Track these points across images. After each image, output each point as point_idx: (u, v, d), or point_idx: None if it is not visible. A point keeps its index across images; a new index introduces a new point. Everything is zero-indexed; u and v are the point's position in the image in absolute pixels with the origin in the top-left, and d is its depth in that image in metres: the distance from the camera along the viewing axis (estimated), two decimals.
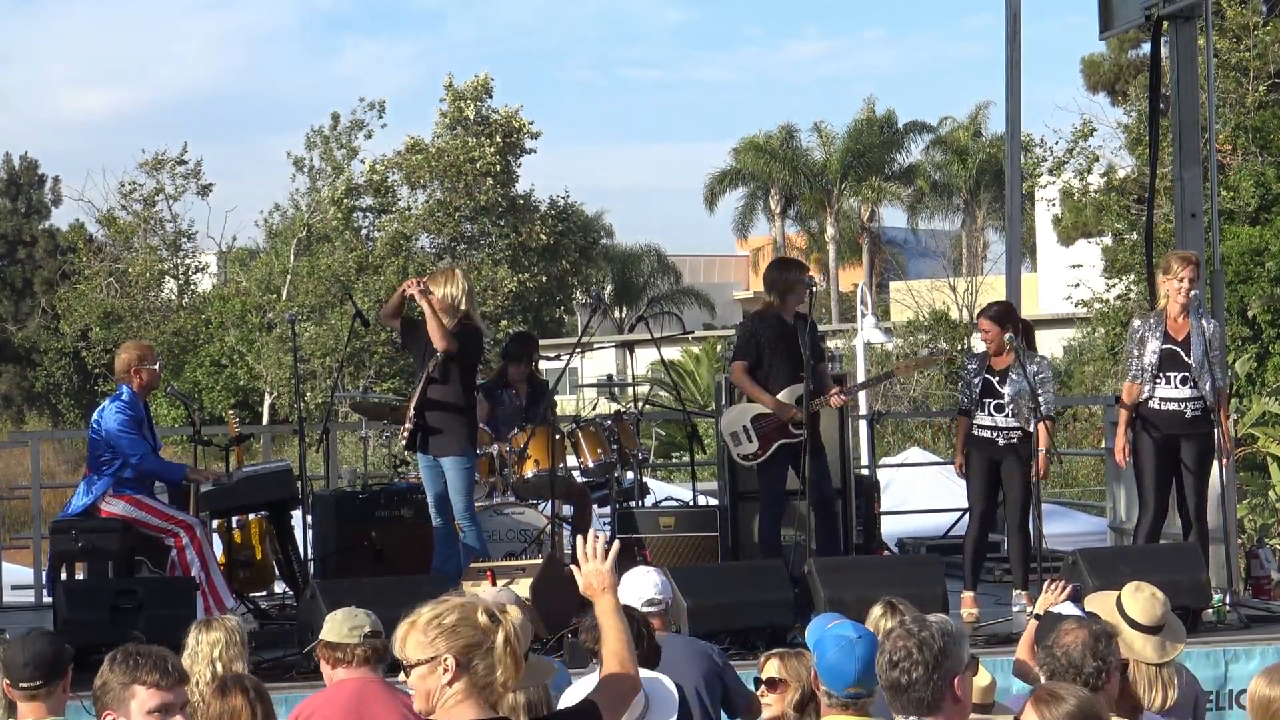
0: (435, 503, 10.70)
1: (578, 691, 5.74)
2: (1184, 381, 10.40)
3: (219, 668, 6.45)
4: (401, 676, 4.59)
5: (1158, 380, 10.44)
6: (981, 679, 5.87)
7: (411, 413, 10.63)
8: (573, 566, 5.12)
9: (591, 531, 5.25)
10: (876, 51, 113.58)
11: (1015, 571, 10.71)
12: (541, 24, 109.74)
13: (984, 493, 10.70)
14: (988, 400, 10.63)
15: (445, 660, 4.45)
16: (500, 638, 4.50)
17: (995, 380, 10.63)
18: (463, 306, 10.61)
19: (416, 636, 4.51)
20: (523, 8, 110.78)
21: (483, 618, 4.50)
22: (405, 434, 10.70)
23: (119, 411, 10.42)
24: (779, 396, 10.75)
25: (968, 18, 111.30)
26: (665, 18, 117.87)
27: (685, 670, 6.98)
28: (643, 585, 7.43)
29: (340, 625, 6.48)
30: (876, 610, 6.65)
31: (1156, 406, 10.48)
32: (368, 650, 6.46)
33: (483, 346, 11.14)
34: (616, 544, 5.10)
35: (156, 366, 10.70)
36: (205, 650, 6.50)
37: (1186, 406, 10.44)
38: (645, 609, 7.27)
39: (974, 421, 10.68)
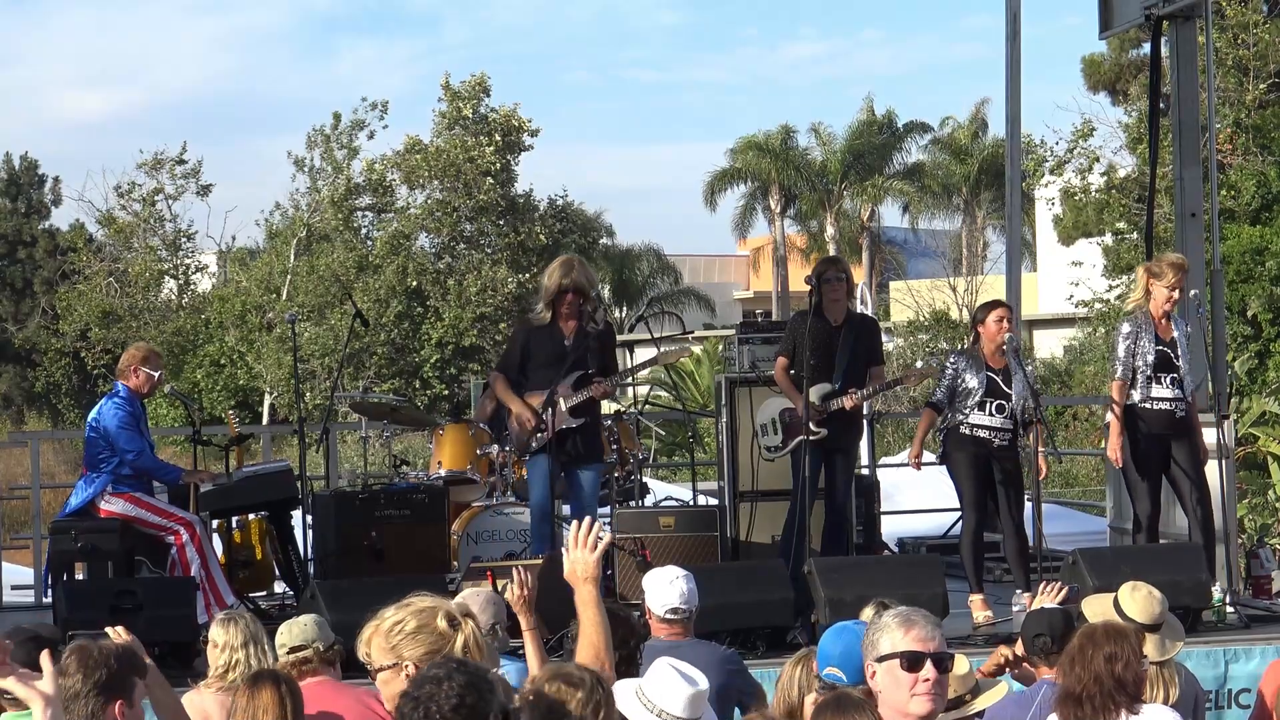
0: (546, 506, 10.32)
1: None
2: (1174, 383, 10.63)
3: (252, 659, 6.52)
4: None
5: (1152, 381, 10.56)
6: (960, 665, 5.77)
7: (566, 415, 10.30)
8: (563, 549, 5.19)
9: (587, 519, 5.31)
10: (875, 52, 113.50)
11: (1016, 572, 10.70)
12: (538, 26, 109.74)
13: (979, 493, 10.68)
14: (990, 400, 10.62)
15: (406, 667, 4.59)
16: (459, 643, 4.64)
17: (1000, 380, 10.62)
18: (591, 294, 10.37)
19: (379, 642, 4.67)
20: (519, 10, 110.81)
21: (442, 624, 4.63)
22: (544, 437, 10.23)
23: (116, 409, 10.44)
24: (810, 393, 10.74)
25: (967, 18, 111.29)
26: (662, 19, 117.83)
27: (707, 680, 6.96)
28: (668, 594, 7.24)
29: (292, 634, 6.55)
30: (868, 611, 6.63)
31: (1150, 407, 10.65)
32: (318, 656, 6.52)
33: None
34: (608, 537, 5.17)
35: (157, 374, 10.70)
36: (239, 643, 6.58)
37: (1176, 406, 10.67)
38: (668, 617, 7.23)
39: (966, 420, 10.63)
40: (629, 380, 10.54)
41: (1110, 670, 5.46)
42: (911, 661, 4.63)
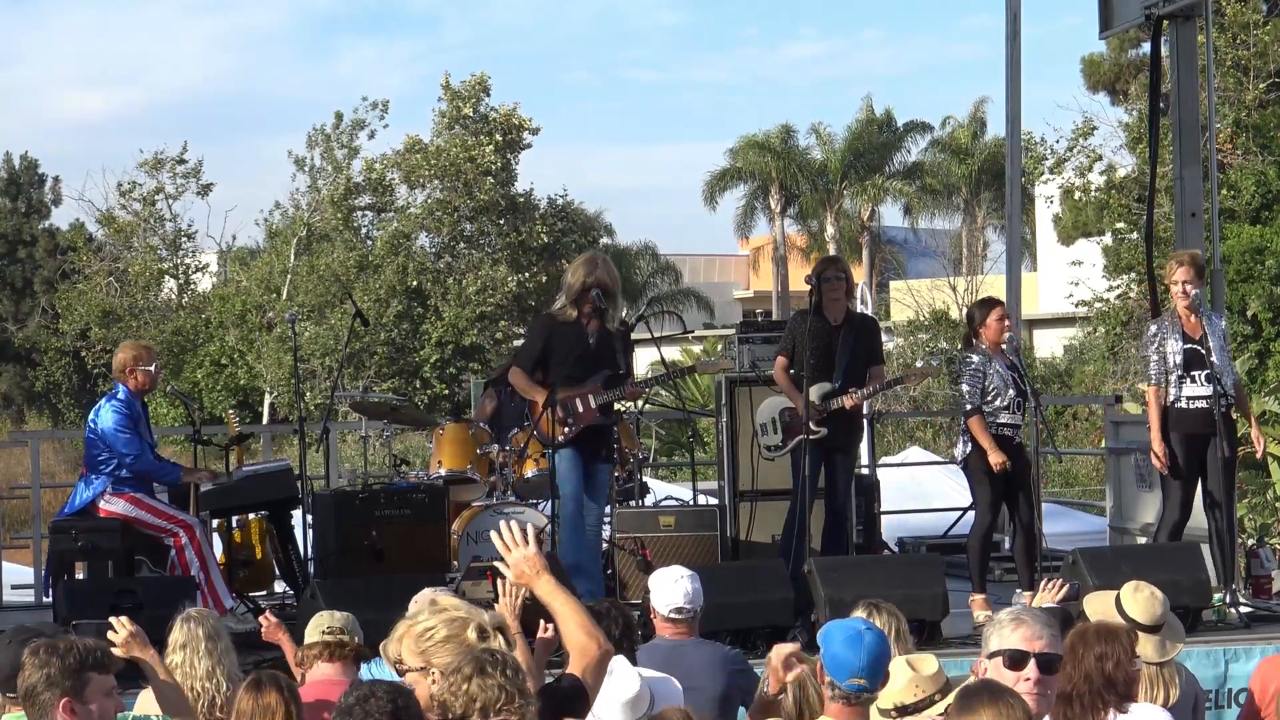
0: (578, 499, 10.41)
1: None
2: (1208, 379, 10.44)
3: (210, 660, 6.54)
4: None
5: (1184, 380, 10.47)
6: (928, 665, 5.68)
7: (594, 410, 10.31)
8: (497, 563, 5.21)
9: (502, 522, 5.32)
10: (875, 52, 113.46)
11: (1022, 572, 10.65)
12: (538, 26, 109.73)
13: (1000, 495, 10.59)
14: (1015, 399, 10.60)
15: (433, 673, 4.74)
16: None
17: (1015, 378, 10.60)
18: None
19: (410, 644, 4.85)
20: (519, 10, 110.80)
21: (472, 635, 4.75)
22: (573, 430, 10.30)
23: (115, 411, 10.43)
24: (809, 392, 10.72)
25: (967, 18, 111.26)
26: (662, 19, 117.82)
27: (709, 679, 6.95)
28: (672, 593, 7.24)
29: (313, 625, 6.59)
30: (859, 611, 6.56)
31: (1186, 406, 10.51)
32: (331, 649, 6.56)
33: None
34: (531, 527, 5.24)
35: (153, 368, 10.67)
36: (198, 642, 6.59)
37: (1213, 403, 10.47)
38: (672, 616, 7.21)
39: (995, 420, 10.52)
40: (657, 384, 10.54)
41: (1100, 669, 5.46)
42: (1015, 660, 4.64)
